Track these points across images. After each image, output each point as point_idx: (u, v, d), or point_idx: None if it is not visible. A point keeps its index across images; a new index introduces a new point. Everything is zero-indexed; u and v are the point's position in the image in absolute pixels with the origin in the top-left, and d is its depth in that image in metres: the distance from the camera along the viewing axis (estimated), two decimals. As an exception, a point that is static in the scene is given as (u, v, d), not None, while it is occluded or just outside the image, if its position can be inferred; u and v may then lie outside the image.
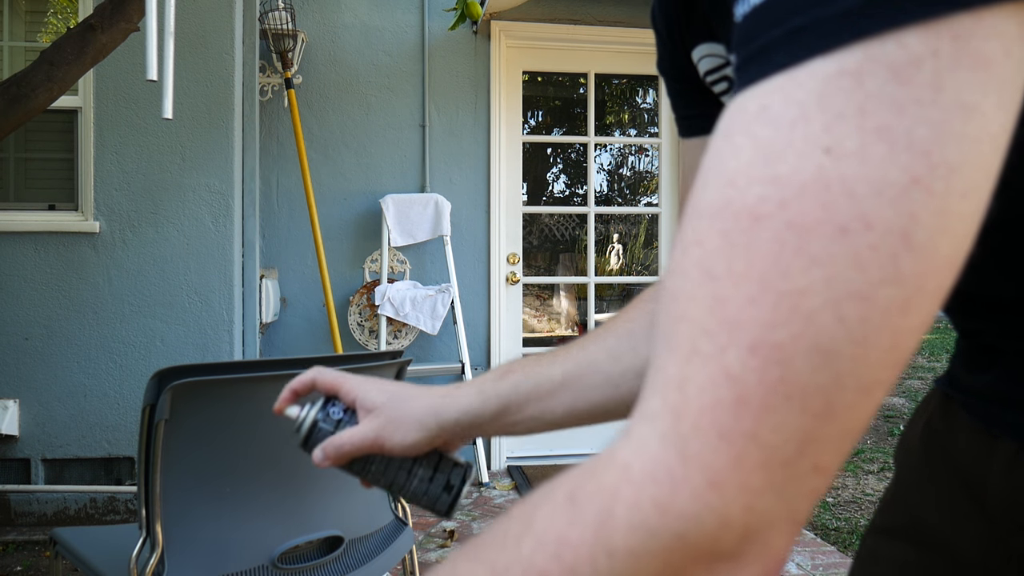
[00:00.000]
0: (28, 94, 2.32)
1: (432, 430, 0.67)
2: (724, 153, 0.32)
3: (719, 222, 0.31)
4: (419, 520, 3.34)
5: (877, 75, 0.28)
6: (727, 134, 0.32)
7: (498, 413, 0.67)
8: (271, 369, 1.66)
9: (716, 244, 0.31)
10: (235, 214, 3.45)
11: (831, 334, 0.29)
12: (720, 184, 0.31)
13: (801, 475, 0.30)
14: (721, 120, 0.33)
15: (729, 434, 0.30)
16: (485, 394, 0.68)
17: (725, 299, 0.30)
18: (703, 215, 0.32)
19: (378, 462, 0.69)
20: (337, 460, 0.68)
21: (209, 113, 3.42)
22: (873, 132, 0.28)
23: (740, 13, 0.33)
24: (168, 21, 2.26)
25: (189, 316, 3.41)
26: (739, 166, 0.31)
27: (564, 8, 4.22)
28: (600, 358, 0.67)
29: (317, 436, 0.69)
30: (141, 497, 1.51)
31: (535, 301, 4.77)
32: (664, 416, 0.31)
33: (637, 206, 4.74)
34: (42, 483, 3.38)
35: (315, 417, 0.70)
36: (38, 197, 3.49)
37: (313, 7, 4.03)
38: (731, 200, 0.30)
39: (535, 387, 0.67)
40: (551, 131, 4.74)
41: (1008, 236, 0.47)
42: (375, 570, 1.79)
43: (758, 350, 0.29)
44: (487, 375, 0.70)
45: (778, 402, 0.29)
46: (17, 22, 3.65)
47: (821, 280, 0.28)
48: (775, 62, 0.30)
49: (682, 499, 0.30)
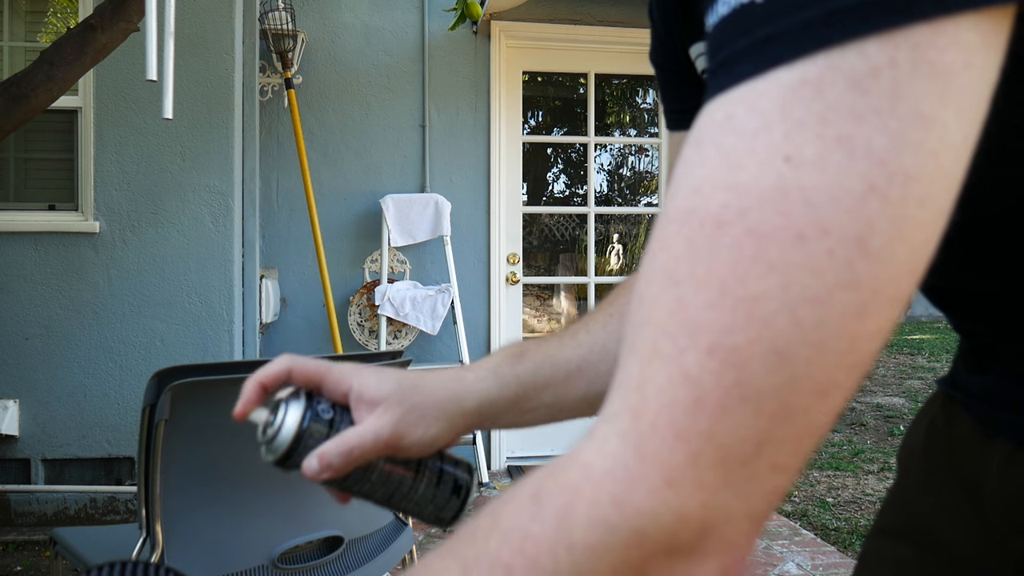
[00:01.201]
0: (28, 94, 2.32)
1: (455, 420, 0.59)
2: (693, 160, 0.32)
3: (685, 228, 0.31)
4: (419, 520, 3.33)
5: (837, 84, 0.28)
6: (697, 142, 0.32)
7: (516, 400, 0.62)
8: (271, 369, 1.66)
9: (680, 249, 0.31)
10: (235, 214, 3.45)
11: (787, 338, 0.29)
12: (687, 191, 0.32)
13: (759, 474, 0.31)
14: (692, 129, 0.34)
15: (685, 433, 0.30)
16: (503, 378, 0.62)
17: (686, 303, 0.31)
18: (671, 221, 0.33)
19: (380, 468, 0.56)
20: (343, 469, 0.55)
21: (209, 113, 3.42)
22: (832, 141, 0.28)
23: (710, 23, 0.33)
24: (168, 21, 2.26)
25: (189, 316, 3.41)
26: (705, 173, 0.31)
27: (564, 8, 4.22)
28: (611, 343, 0.64)
29: (306, 444, 0.54)
30: (141, 497, 1.51)
31: (535, 301, 4.77)
32: (624, 415, 0.32)
33: (637, 206, 4.74)
34: (42, 483, 3.38)
35: (300, 419, 0.55)
36: (38, 197, 3.49)
37: (313, 7, 4.03)
38: (696, 207, 0.31)
39: (554, 373, 0.63)
40: (551, 131, 4.74)
41: (990, 234, 0.48)
42: (375, 570, 1.79)
43: (716, 353, 0.30)
44: (497, 357, 0.64)
45: (734, 403, 0.30)
46: (17, 22, 3.65)
47: (778, 285, 0.29)
48: (740, 71, 0.31)
49: (639, 496, 0.31)
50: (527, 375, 0.62)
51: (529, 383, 0.62)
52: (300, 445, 0.55)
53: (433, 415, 0.58)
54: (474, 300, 4.14)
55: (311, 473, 0.55)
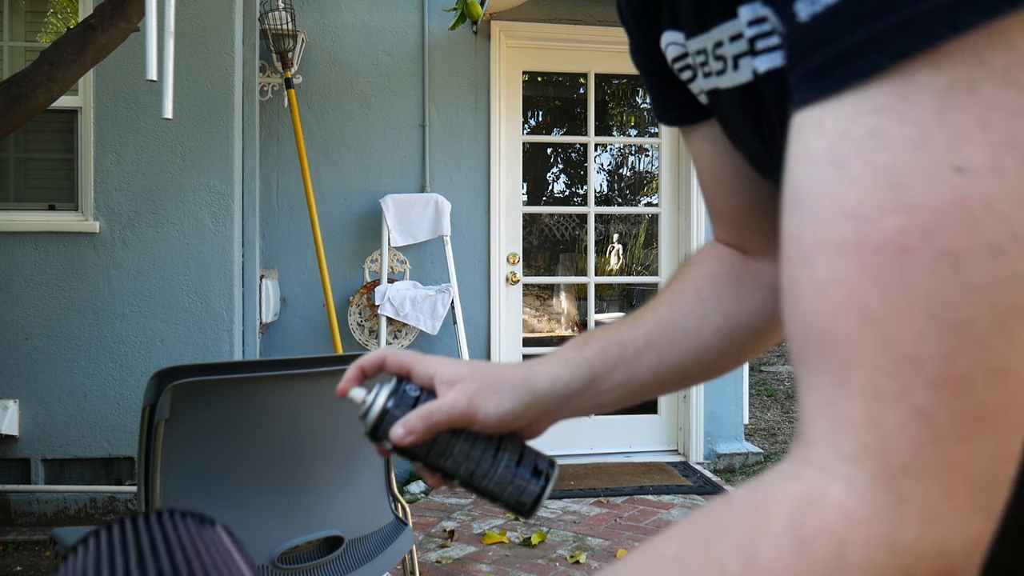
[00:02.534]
0: (28, 94, 2.32)
1: (526, 400, 0.61)
2: (835, 183, 0.31)
3: (860, 259, 0.30)
4: (419, 520, 3.34)
5: (991, 80, 0.27)
6: (834, 162, 0.31)
7: (587, 382, 0.63)
8: (271, 369, 1.66)
9: (865, 283, 0.30)
10: (235, 214, 3.45)
11: (1005, 353, 0.29)
12: (843, 217, 0.31)
13: (1001, 491, 0.31)
14: (803, 138, 0.32)
15: (934, 468, 0.30)
16: (572, 362, 0.63)
17: (895, 338, 0.30)
18: (835, 253, 0.31)
19: (462, 441, 0.61)
20: (425, 433, 0.60)
21: (209, 113, 3.41)
22: (1001, 144, 0.28)
23: (808, 13, 0.32)
24: (168, 21, 2.26)
25: (189, 316, 3.41)
26: (863, 197, 0.30)
27: (564, 8, 4.22)
28: (676, 318, 0.65)
29: (392, 416, 0.61)
30: (141, 497, 1.51)
31: (535, 301, 4.77)
32: (868, 457, 0.32)
33: (637, 206, 4.74)
34: (42, 483, 3.38)
35: (388, 395, 0.62)
36: (38, 197, 3.49)
37: (313, 7, 4.03)
38: (866, 235, 0.30)
39: (620, 351, 0.64)
40: (551, 131, 4.74)
41: None
42: (375, 570, 1.79)
43: (941, 384, 0.30)
44: (563, 348, 0.66)
45: (970, 430, 0.30)
46: (17, 22, 3.65)
47: (986, 303, 0.28)
48: (860, 68, 0.29)
49: (907, 536, 0.31)
50: (595, 357, 0.63)
51: (598, 364, 0.63)
52: (388, 417, 0.61)
53: (504, 390, 0.61)
54: (474, 300, 4.14)
55: (397, 438, 0.60)
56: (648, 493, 3.71)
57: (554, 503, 3.58)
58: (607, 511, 3.48)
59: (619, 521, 3.36)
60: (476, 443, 0.61)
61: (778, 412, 5.62)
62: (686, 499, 3.65)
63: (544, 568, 2.87)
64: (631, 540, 3.13)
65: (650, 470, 4.03)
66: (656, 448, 4.35)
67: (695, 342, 0.64)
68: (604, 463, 4.14)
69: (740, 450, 4.25)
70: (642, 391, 0.64)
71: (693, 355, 0.64)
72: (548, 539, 3.15)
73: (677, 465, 4.14)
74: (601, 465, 4.11)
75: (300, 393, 1.68)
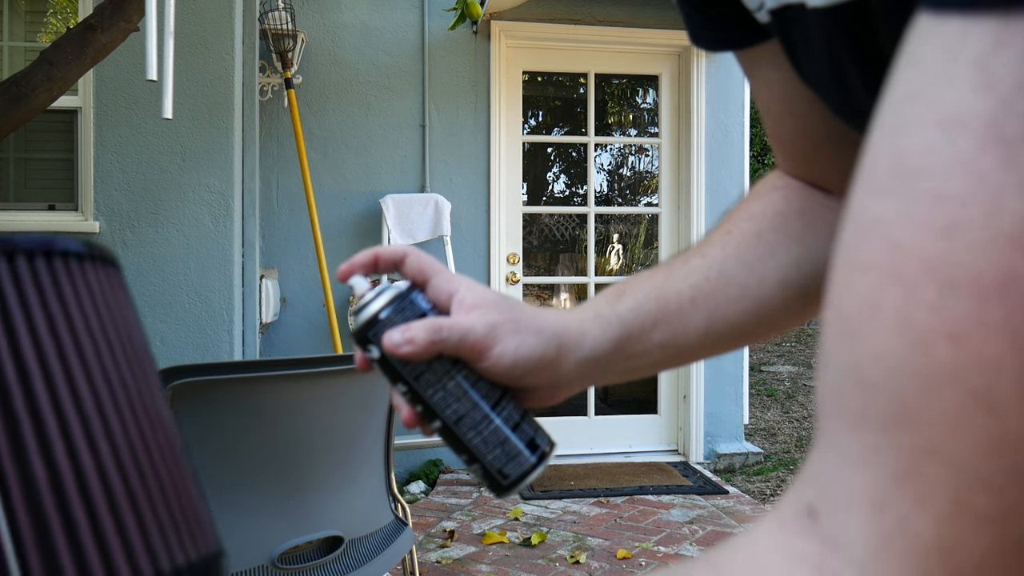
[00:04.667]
0: (28, 94, 2.32)
1: (550, 352, 0.51)
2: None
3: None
4: (419, 520, 3.34)
5: None
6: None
7: (620, 341, 0.52)
8: (271, 369, 1.66)
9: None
10: (235, 214, 3.45)
11: None
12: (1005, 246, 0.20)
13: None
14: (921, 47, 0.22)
15: None
16: (603, 318, 0.53)
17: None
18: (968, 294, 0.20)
19: (462, 377, 0.51)
20: (424, 349, 0.49)
21: (209, 113, 3.42)
22: None
23: None
24: (168, 21, 2.26)
25: (189, 316, 3.41)
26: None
27: (564, 8, 4.22)
28: (730, 267, 0.53)
29: (390, 321, 0.51)
30: (141, 497, 1.51)
31: (535, 301, 4.77)
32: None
33: (637, 206, 4.74)
34: (42, 483, 3.38)
35: (394, 298, 0.52)
36: (38, 197, 3.49)
37: (313, 7, 4.03)
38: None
39: (660, 307, 0.53)
40: (551, 131, 4.74)
41: None
42: (375, 570, 1.79)
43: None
44: (597, 299, 0.55)
45: None
46: (17, 22, 3.65)
47: None
48: None
49: None
50: (628, 313, 0.53)
51: (632, 321, 0.53)
52: (386, 322, 0.52)
53: (529, 331, 0.51)
54: (474, 300, 4.14)
55: (391, 344, 0.50)
56: (648, 493, 3.71)
57: (554, 503, 3.58)
58: (607, 511, 3.48)
59: (619, 521, 3.36)
60: (477, 385, 0.51)
61: (778, 412, 5.62)
62: (686, 499, 3.65)
63: (544, 568, 2.87)
64: (631, 540, 3.13)
65: (650, 470, 4.03)
66: (656, 448, 4.35)
67: (756, 298, 0.53)
68: (604, 463, 4.14)
69: (740, 450, 4.26)
70: (686, 354, 0.54)
71: (754, 313, 0.53)
72: (548, 539, 3.15)
73: (677, 465, 4.14)
74: (601, 465, 4.11)
75: (300, 393, 1.68)
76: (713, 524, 3.32)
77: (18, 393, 0.29)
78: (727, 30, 0.51)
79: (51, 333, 0.31)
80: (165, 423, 0.35)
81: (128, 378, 0.34)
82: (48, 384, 0.30)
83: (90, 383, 0.31)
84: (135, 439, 0.32)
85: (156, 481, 0.31)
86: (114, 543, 0.29)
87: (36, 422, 0.29)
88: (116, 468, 0.30)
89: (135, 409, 0.33)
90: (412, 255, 0.54)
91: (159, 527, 0.30)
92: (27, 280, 0.32)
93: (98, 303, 0.34)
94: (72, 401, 0.30)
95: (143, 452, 0.32)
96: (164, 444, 0.34)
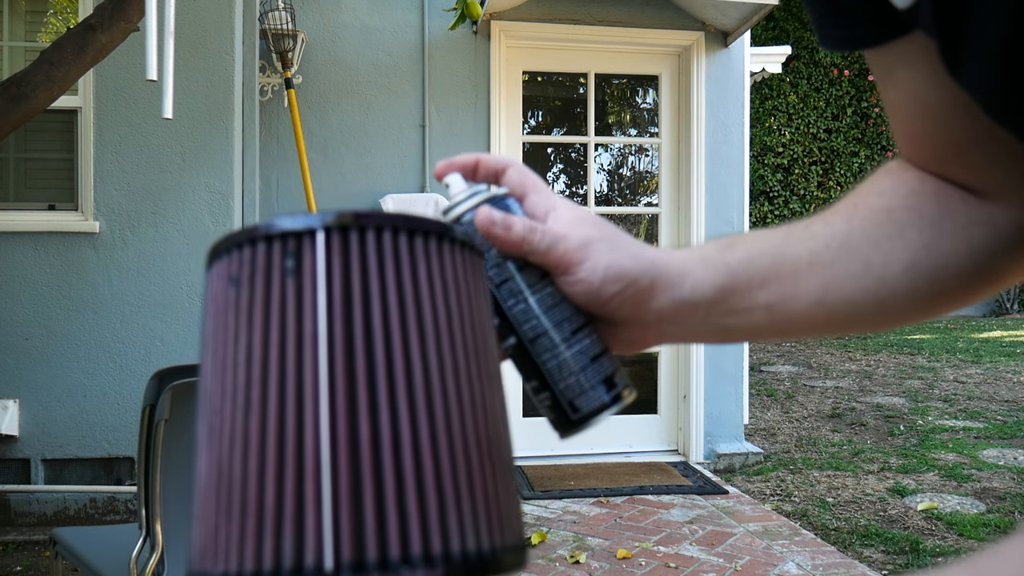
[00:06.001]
0: (28, 94, 2.32)
1: (646, 277, 0.47)
2: None
3: None
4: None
5: None
6: None
7: (724, 291, 0.48)
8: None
9: None
10: (235, 214, 3.45)
11: None
12: None
13: None
14: None
15: None
16: (709, 260, 0.49)
17: None
18: None
19: (548, 293, 0.47)
20: (516, 242, 0.47)
21: (209, 113, 3.42)
22: None
23: None
24: (168, 21, 2.27)
25: (189, 316, 3.41)
26: None
27: (564, 8, 4.22)
28: (855, 239, 0.49)
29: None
30: (141, 497, 1.51)
31: (535, 301, 4.78)
32: None
33: (637, 206, 4.74)
34: (42, 483, 3.38)
35: (490, 198, 0.49)
36: (38, 197, 3.49)
37: (313, 7, 4.03)
38: None
39: (774, 264, 0.49)
40: (551, 131, 4.74)
41: None
42: (375, 570, 1.79)
43: None
44: (704, 246, 0.51)
45: None
46: (17, 22, 3.65)
47: None
48: None
49: None
50: (739, 263, 0.49)
51: (741, 272, 0.48)
52: (471, 215, 0.49)
53: (625, 254, 0.48)
54: (474, 300, 4.14)
55: (486, 219, 0.47)
56: (648, 493, 3.71)
57: (554, 503, 3.58)
58: (607, 511, 3.48)
59: (619, 521, 3.36)
60: (561, 304, 0.47)
61: (778, 412, 5.62)
62: (686, 499, 3.65)
63: (544, 568, 2.87)
64: (631, 540, 3.13)
65: (650, 470, 4.03)
66: (656, 448, 4.35)
67: (879, 278, 0.48)
68: (604, 463, 4.14)
69: (740, 450, 4.26)
70: (793, 325, 0.49)
71: (874, 295, 0.49)
72: (548, 539, 3.15)
73: (677, 465, 4.14)
74: (601, 465, 4.11)
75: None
76: (713, 524, 3.32)
77: (381, 368, 0.31)
78: (855, 26, 0.47)
79: (399, 310, 0.33)
80: (496, 415, 0.35)
81: (464, 368, 0.34)
82: (396, 359, 0.32)
83: (433, 367, 0.33)
84: (467, 422, 0.33)
85: (466, 466, 0.32)
86: (412, 516, 0.30)
87: (390, 387, 0.31)
88: (434, 443, 0.31)
89: (472, 398, 0.34)
90: (514, 167, 0.51)
91: (458, 509, 0.31)
92: (388, 255, 0.34)
93: (448, 288, 0.36)
94: (422, 383, 0.32)
95: (468, 435, 0.33)
96: (493, 435, 0.34)
